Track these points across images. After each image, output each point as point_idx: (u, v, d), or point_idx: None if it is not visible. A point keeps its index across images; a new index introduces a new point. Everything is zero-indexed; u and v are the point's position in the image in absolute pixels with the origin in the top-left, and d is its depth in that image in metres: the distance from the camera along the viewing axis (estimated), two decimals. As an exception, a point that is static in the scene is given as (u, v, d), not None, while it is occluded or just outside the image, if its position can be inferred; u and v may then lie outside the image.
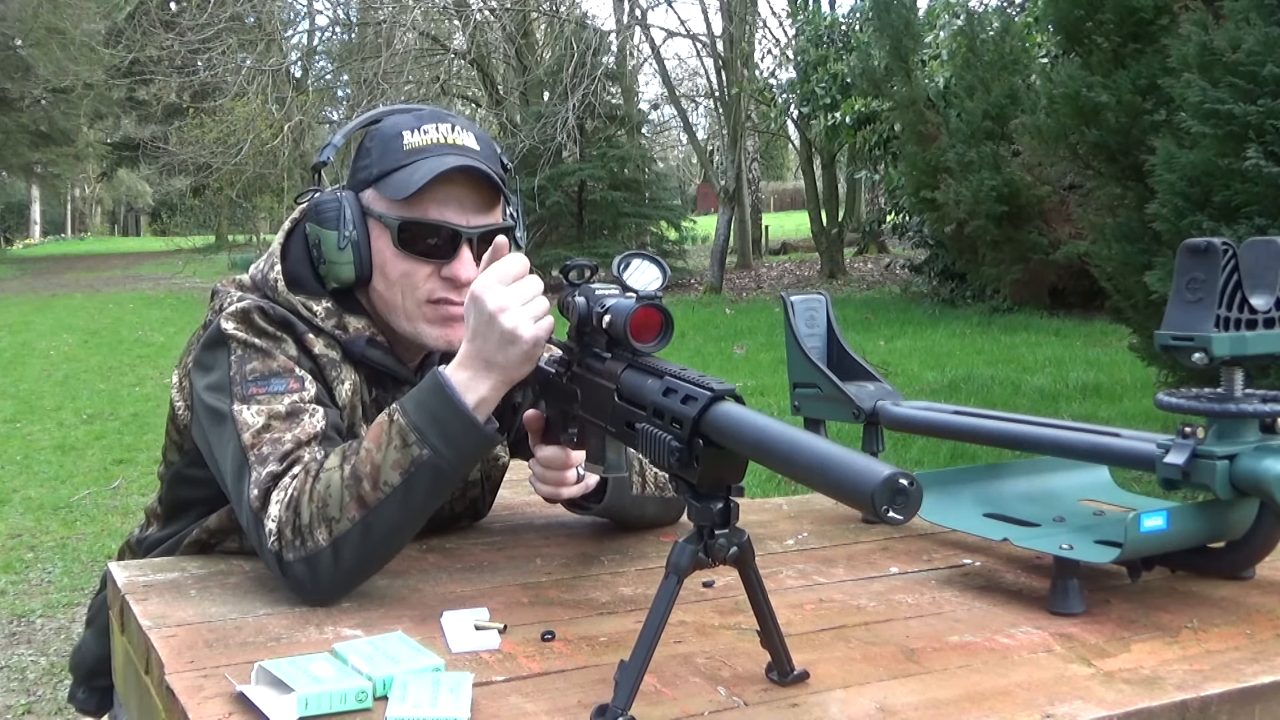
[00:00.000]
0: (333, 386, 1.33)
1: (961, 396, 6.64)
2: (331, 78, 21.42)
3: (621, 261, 1.08)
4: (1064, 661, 1.03)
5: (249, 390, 1.26)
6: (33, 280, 22.05)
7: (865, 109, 12.28)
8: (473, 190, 1.34)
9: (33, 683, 3.15)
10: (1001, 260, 10.17)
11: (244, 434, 1.23)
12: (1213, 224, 4.27)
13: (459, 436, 1.17)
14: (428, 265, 1.33)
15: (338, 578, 1.18)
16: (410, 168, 1.32)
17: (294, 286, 1.36)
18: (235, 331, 1.29)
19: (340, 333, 1.35)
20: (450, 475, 1.19)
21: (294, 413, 1.25)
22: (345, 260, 1.33)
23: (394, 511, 1.17)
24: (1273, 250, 1.17)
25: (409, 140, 1.34)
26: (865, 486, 0.74)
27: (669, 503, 1.47)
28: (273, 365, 1.28)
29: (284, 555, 1.17)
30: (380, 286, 1.35)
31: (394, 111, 1.42)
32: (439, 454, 1.16)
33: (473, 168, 1.31)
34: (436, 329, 1.35)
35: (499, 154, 1.42)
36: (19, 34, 25.13)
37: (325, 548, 1.16)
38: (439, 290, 1.34)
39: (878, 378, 1.58)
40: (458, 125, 1.37)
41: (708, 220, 22.33)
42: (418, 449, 1.16)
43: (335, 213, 1.34)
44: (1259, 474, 1.10)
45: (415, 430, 1.16)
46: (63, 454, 6.11)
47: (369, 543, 1.17)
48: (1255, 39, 4.19)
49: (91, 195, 51.04)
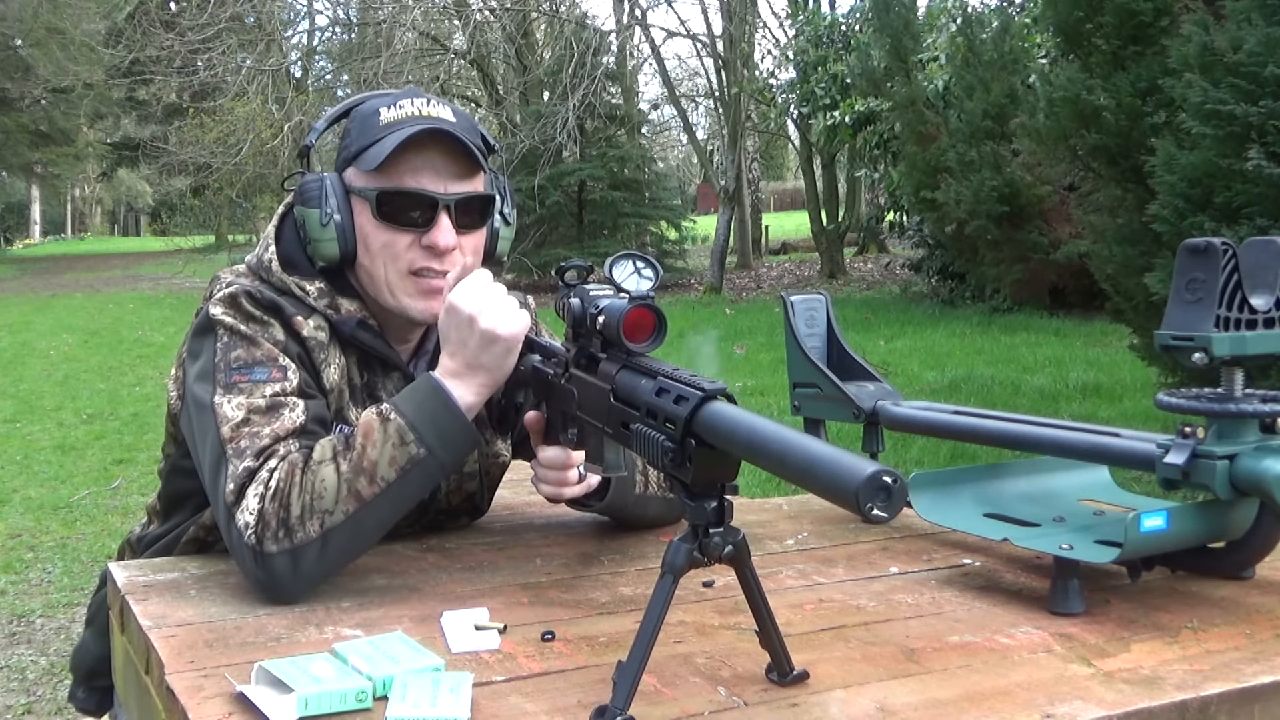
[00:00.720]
0: (320, 369, 1.34)
1: (961, 396, 6.64)
2: (331, 78, 21.41)
3: (614, 262, 1.08)
4: (1064, 661, 1.03)
5: (232, 378, 1.27)
6: (33, 280, 22.05)
7: (865, 109, 12.28)
8: (447, 156, 1.35)
9: (33, 683, 3.15)
10: (1002, 260, 10.17)
11: (223, 427, 1.24)
12: (1214, 225, 4.27)
13: (453, 437, 1.22)
14: (407, 235, 1.34)
15: (318, 570, 1.19)
16: (384, 140, 1.33)
17: (288, 267, 1.38)
18: (222, 317, 1.31)
19: (332, 313, 1.36)
20: (440, 474, 1.24)
21: (274, 406, 1.26)
22: (329, 238, 1.35)
23: (386, 506, 1.20)
24: (1272, 250, 1.17)
25: (384, 116, 1.36)
26: (850, 485, 0.75)
27: (671, 503, 1.47)
28: (257, 353, 1.29)
29: (264, 547, 1.17)
30: (365, 261, 1.37)
31: (374, 95, 1.44)
32: (434, 454, 1.21)
33: (442, 131, 1.32)
34: (419, 301, 1.36)
35: (479, 129, 1.43)
36: (19, 34, 25.13)
37: (315, 539, 1.17)
38: (420, 260, 1.35)
39: (878, 378, 1.59)
40: (433, 100, 1.39)
41: (708, 220, 22.32)
42: (415, 448, 1.20)
43: (317, 191, 1.36)
44: (1259, 474, 1.10)
45: (414, 430, 1.20)
46: (63, 454, 6.11)
47: (358, 535, 1.20)
48: (1256, 39, 4.19)
49: (91, 195, 51.05)
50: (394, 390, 1.41)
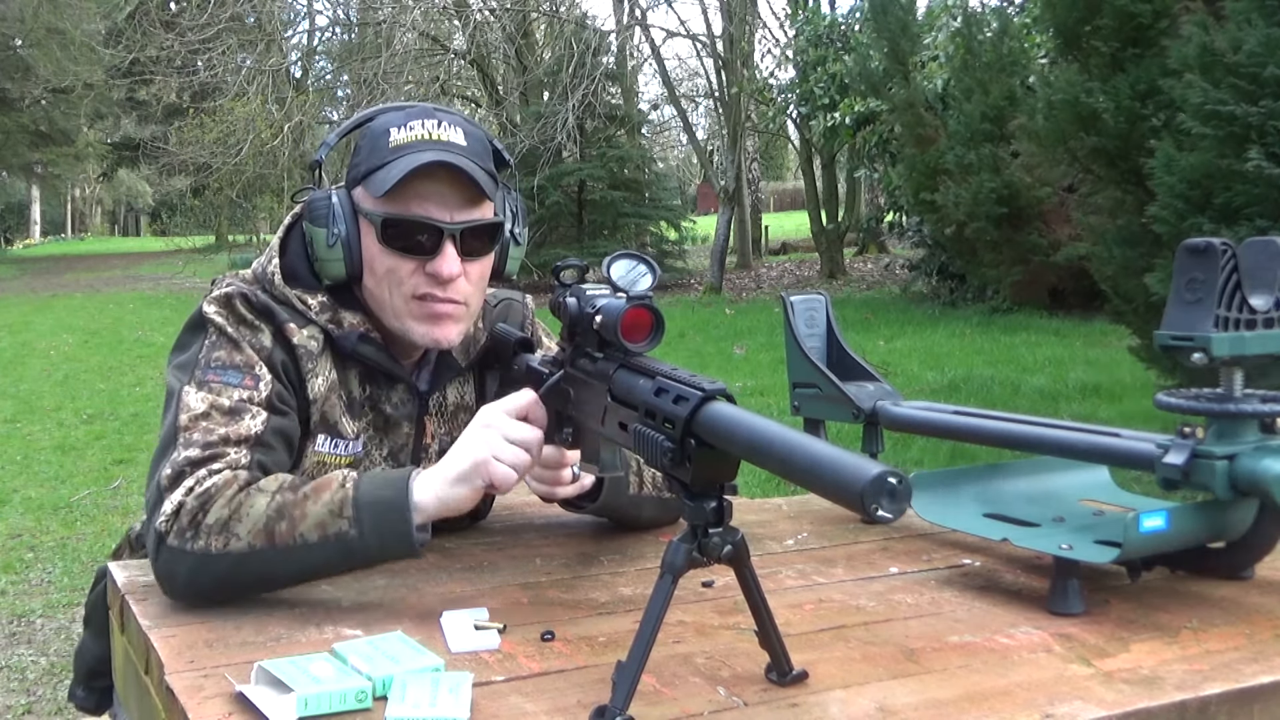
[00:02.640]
0: (306, 379, 1.33)
1: (961, 396, 6.64)
2: (331, 78, 21.43)
3: (611, 261, 1.08)
4: (1064, 661, 1.03)
5: (206, 375, 1.28)
6: (33, 280, 22.05)
7: (864, 109, 12.28)
8: (454, 186, 1.33)
9: (33, 683, 3.15)
10: (1001, 262, 10.17)
11: (182, 415, 1.25)
12: (1213, 226, 4.27)
13: (389, 533, 1.16)
14: (411, 261, 1.33)
15: (191, 583, 1.18)
16: (392, 164, 1.32)
17: (290, 280, 1.37)
18: (214, 316, 1.32)
19: (334, 327, 1.36)
20: (357, 562, 1.19)
21: (236, 410, 1.26)
22: (335, 257, 1.35)
23: (288, 562, 1.17)
24: (1272, 250, 1.17)
25: (394, 137, 1.34)
26: (855, 485, 0.75)
27: (667, 503, 1.47)
28: (237, 358, 1.30)
29: (167, 538, 1.17)
30: (370, 283, 1.36)
31: (387, 109, 1.42)
32: (363, 538, 1.16)
33: (450, 163, 1.31)
34: (422, 326, 1.35)
35: (492, 148, 1.41)
36: (19, 34, 25.12)
37: (210, 554, 1.16)
38: (423, 286, 1.34)
39: (877, 378, 1.59)
40: (445, 121, 1.37)
41: (708, 220, 22.32)
42: (347, 525, 1.16)
43: (325, 211, 1.35)
44: (1259, 474, 1.10)
45: (355, 507, 1.16)
46: (63, 454, 6.11)
47: (244, 572, 1.17)
48: (1256, 40, 4.19)
49: (91, 195, 51.05)
50: (398, 403, 1.41)
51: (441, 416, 1.46)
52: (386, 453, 1.41)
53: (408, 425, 1.43)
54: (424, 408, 1.44)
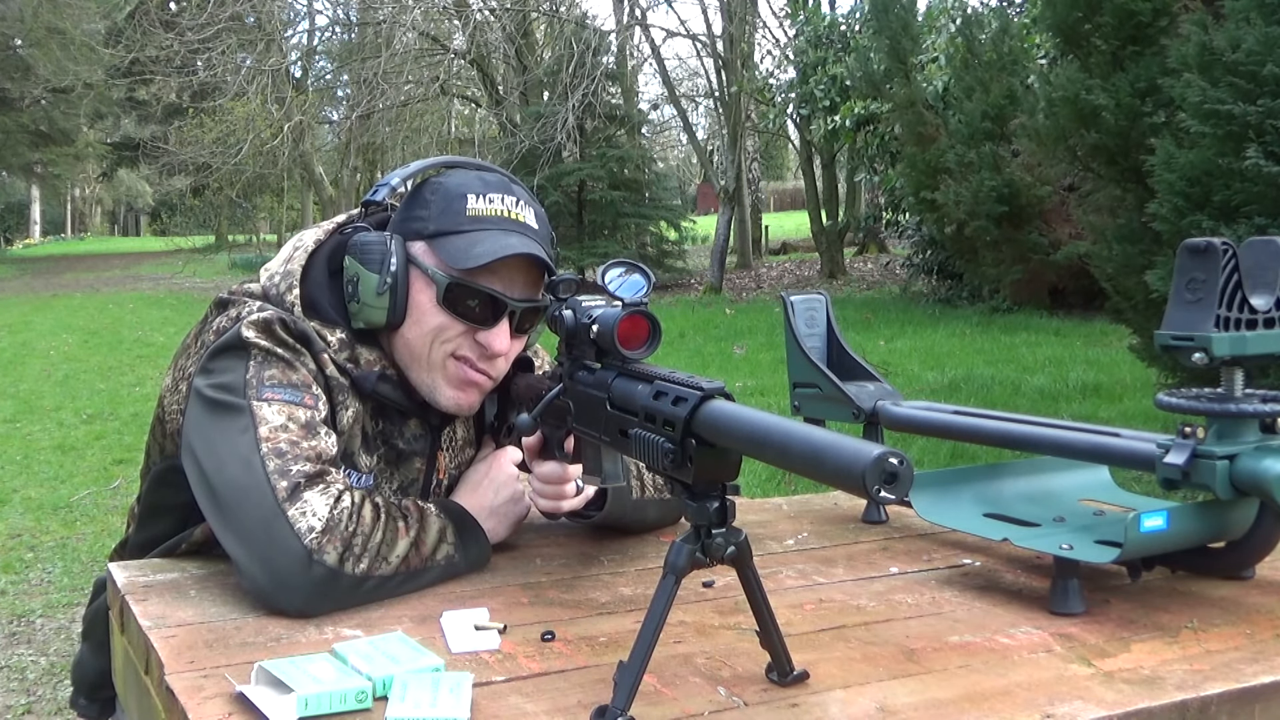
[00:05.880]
0: (336, 410, 1.31)
1: (961, 396, 6.64)
2: (331, 78, 21.42)
3: (606, 270, 1.08)
4: (1064, 661, 1.03)
5: (264, 394, 1.24)
6: (33, 280, 22.05)
7: (864, 111, 12.28)
8: (525, 271, 1.34)
9: (33, 683, 3.15)
10: (1001, 261, 10.17)
11: (261, 427, 1.21)
12: (1213, 224, 4.27)
13: (476, 556, 1.33)
14: (464, 324, 1.33)
15: (343, 598, 1.19)
16: (471, 236, 1.31)
17: (310, 312, 1.33)
18: (257, 339, 1.26)
19: (352, 366, 1.33)
20: (448, 579, 1.29)
21: (311, 425, 1.24)
22: (381, 305, 1.31)
23: (409, 583, 1.25)
24: (1272, 250, 1.17)
25: (473, 206, 1.33)
26: (856, 468, 0.75)
27: (669, 504, 1.47)
28: (293, 376, 1.26)
29: (323, 553, 1.16)
30: (411, 334, 1.33)
31: (458, 164, 1.41)
32: (465, 559, 1.31)
33: (534, 255, 1.32)
34: (452, 389, 1.35)
35: (549, 227, 1.41)
36: (19, 34, 25.11)
37: (366, 576, 1.19)
38: (466, 348, 1.33)
39: (878, 378, 1.59)
40: (522, 200, 1.36)
41: (708, 220, 22.32)
42: (452, 550, 1.29)
43: (380, 256, 1.31)
44: (1259, 474, 1.10)
45: (457, 534, 1.31)
46: (63, 454, 6.11)
47: (384, 593, 1.23)
48: (1255, 39, 4.19)
49: (91, 195, 51.03)
50: (411, 438, 1.40)
51: (452, 450, 1.46)
52: (396, 486, 1.40)
53: (419, 460, 1.41)
54: (437, 443, 1.43)
